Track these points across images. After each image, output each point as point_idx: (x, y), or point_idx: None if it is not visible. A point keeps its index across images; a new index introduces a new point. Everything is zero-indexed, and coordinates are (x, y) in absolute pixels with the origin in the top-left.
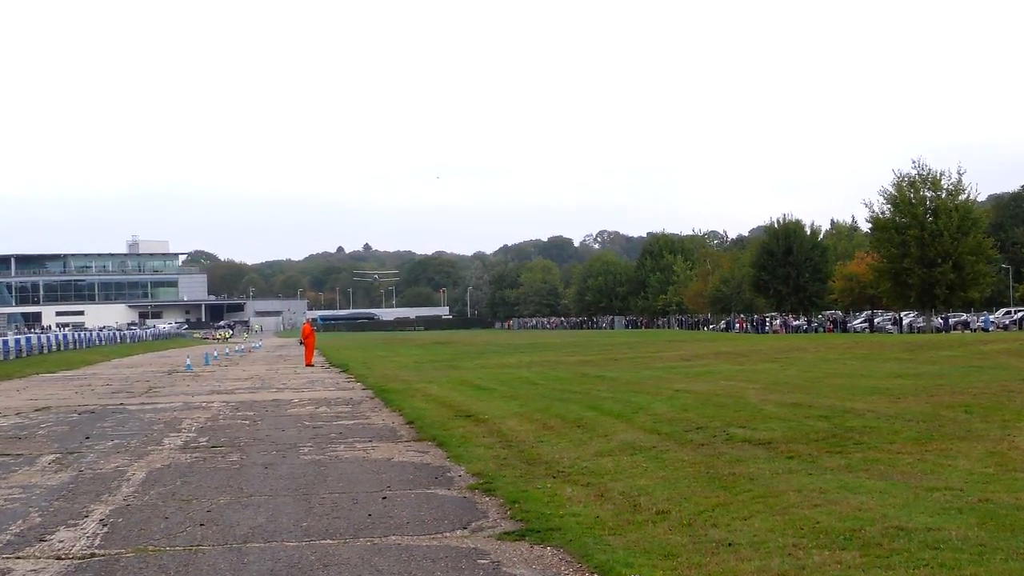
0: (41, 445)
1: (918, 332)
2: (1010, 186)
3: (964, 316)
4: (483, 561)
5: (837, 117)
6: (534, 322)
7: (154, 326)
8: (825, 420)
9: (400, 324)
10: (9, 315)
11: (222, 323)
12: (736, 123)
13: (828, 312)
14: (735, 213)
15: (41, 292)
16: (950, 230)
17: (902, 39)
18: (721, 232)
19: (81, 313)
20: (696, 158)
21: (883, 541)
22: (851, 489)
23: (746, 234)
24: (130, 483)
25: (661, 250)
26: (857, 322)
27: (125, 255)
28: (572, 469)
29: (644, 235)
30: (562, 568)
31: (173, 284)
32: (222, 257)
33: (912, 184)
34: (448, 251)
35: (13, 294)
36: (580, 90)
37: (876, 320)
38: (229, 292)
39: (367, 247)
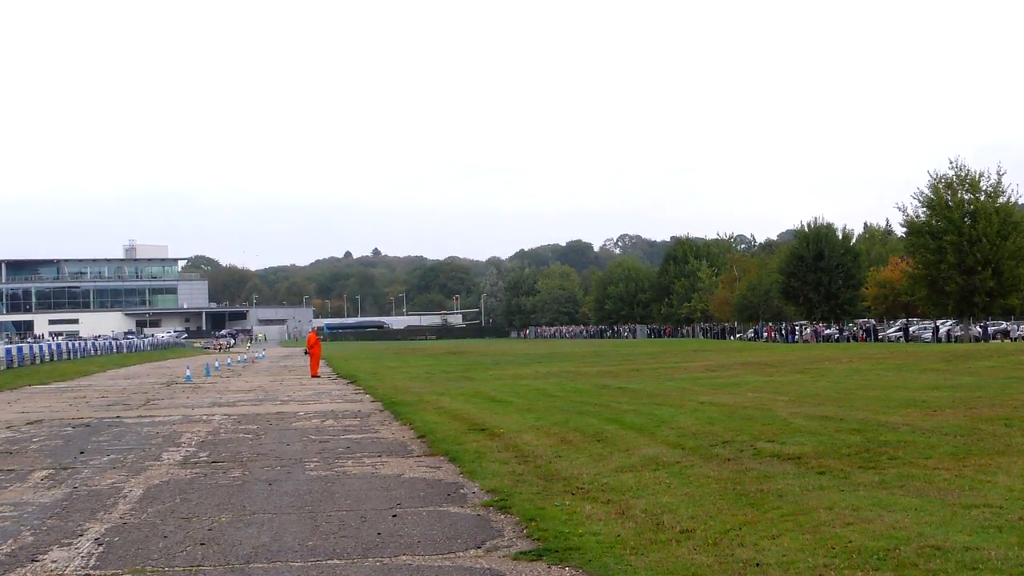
0: (33, 460)
1: (955, 341)
2: None
3: (1004, 324)
4: None
5: (871, 115)
6: (552, 331)
7: (152, 335)
8: (858, 434)
9: (411, 333)
10: None
11: (224, 332)
12: (764, 122)
13: (861, 320)
14: (763, 216)
15: (33, 299)
16: (989, 235)
17: (939, 34)
18: (748, 236)
19: (75, 321)
20: (722, 159)
21: (919, 561)
22: (885, 506)
23: (775, 238)
24: (127, 500)
25: (685, 255)
26: (891, 331)
27: (122, 260)
28: (592, 485)
29: (667, 239)
30: None
31: (172, 291)
32: (224, 262)
33: (949, 186)
34: (461, 256)
35: (4, 301)
36: (600, 88)
37: (911, 329)
38: (231, 299)
39: (376, 252)
